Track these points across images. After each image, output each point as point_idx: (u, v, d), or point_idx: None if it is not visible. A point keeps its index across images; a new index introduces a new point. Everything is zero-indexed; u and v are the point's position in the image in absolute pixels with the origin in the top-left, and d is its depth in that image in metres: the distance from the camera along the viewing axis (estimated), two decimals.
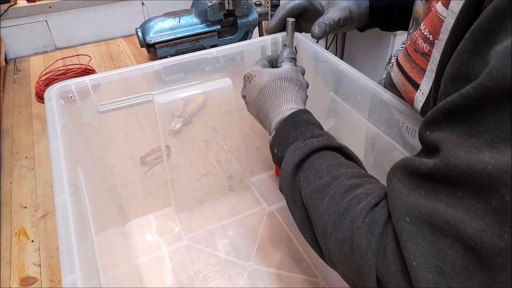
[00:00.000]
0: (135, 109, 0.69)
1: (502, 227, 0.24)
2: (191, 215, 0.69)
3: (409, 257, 0.28)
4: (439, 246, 0.27)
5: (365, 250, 0.32)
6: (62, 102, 0.52)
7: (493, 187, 0.24)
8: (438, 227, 0.27)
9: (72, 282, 0.32)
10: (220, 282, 0.58)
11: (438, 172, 0.28)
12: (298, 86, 0.49)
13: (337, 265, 0.36)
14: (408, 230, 0.29)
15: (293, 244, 0.63)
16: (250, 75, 0.52)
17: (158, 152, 0.72)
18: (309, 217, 0.39)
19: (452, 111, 0.28)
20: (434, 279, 0.27)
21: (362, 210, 0.34)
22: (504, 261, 0.24)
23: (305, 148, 0.41)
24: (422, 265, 0.27)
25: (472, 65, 0.28)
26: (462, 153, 0.26)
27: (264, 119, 0.49)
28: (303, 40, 0.63)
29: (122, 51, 1.25)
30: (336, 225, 0.35)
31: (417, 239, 0.28)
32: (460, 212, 0.26)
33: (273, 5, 1.77)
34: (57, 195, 0.39)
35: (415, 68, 0.45)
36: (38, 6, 1.21)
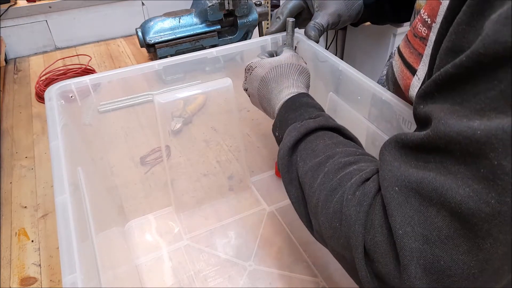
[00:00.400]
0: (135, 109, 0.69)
1: (489, 193, 0.24)
2: (191, 215, 0.69)
3: (395, 225, 0.28)
4: (426, 215, 0.27)
5: (353, 221, 0.32)
6: (62, 102, 0.52)
7: (482, 153, 0.24)
8: (425, 195, 0.27)
9: (72, 282, 0.32)
10: (220, 282, 0.58)
11: (428, 142, 0.28)
12: (299, 71, 0.50)
13: (327, 240, 0.37)
14: (396, 199, 0.29)
15: (293, 244, 0.63)
16: (250, 67, 0.52)
17: (158, 152, 0.72)
18: (304, 196, 0.40)
19: (445, 81, 0.28)
20: (419, 247, 0.27)
21: (352, 184, 0.34)
22: (489, 227, 0.24)
23: (302, 128, 0.41)
24: (408, 234, 0.27)
25: (466, 37, 0.28)
26: (453, 122, 0.26)
27: (268, 107, 0.49)
28: (303, 40, 0.63)
29: (122, 51, 1.25)
30: (328, 200, 0.35)
31: (405, 208, 0.28)
32: (448, 180, 0.26)
33: (273, 5, 1.77)
34: (57, 194, 0.39)
35: (414, 53, 0.45)
36: (38, 6, 1.21)
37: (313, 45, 0.61)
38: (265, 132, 0.81)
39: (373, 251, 0.30)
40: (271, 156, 0.79)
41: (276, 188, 0.74)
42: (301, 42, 0.63)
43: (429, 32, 0.41)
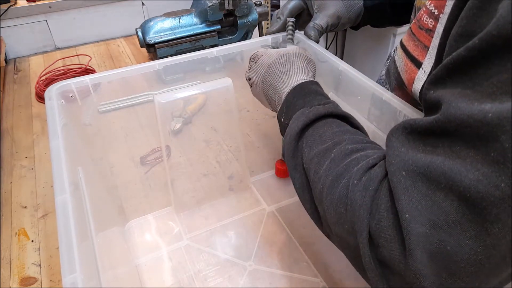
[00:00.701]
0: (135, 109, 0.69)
1: (499, 176, 0.24)
2: (191, 215, 0.69)
3: (402, 209, 0.28)
4: (433, 199, 0.27)
5: (359, 206, 0.32)
6: (62, 102, 0.52)
7: (493, 136, 0.24)
8: (433, 179, 0.27)
9: (72, 282, 0.32)
10: (220, 282, 0.58)
11: (438, 126, 0.28)
12: (307, 60, 0.49)
13: (332, 226, 0.36)
14: (403, 183, 0.28)
15: (293, 244, 0.63)
16: (256, 55, 0.52)
17: (158, 152, 0.72)
18: (309, 182, 0.39)
19: (456, 65, 0.28)
20: (426, 232, 0.26)
21: (359, 170, 0.34)
22: (498, 212, 0.24)
23: (310, 114, 0.41)
24: (415, 218, 0.27)
25: (478, 21, 0.28)
26: (464, 105, 0.26)
27: (273, 93, 0.49)
28: (303, 40, 0.63)
29: (122, 51, 1.25)
30: (333, 185, 0.35)
31: (412, 192, 0.28)
32: (457, 164, 0.26)
33: (273, 5, 1.77)
34: (57, 194, 0.39)
35: (419, 46, 0.45)
36: (38, 6, 1.21)
37: (313, 45, 0.61)
38: (265, 132, 0.81)
39: (378, 236, 0.30)
40: (271, 156, 0.79)
41: (276, 188, 0.74)
42: (301, 42, 0.63)
43: (436, 23, 0.41)
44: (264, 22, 1.15)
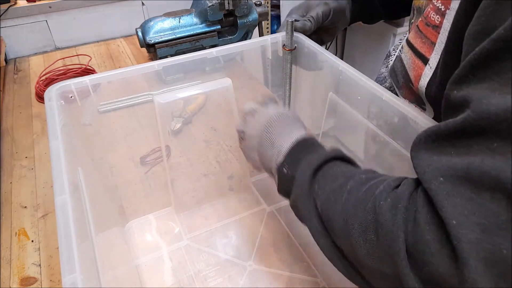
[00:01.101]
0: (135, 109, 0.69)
1: None
2: (191, 215, 0.69)
3: (447, 216, 0.26)
4: (479, 202, 0.25)
5: (391, 226, 0.29)
6: (62, 102, 0.52)
7: None
8: (476, 181, 0.25)
9: (72, 282, 0.32)
10: (220, 282, 0.58)
11: (470, 125, 0.26)
12: (301, 122, 0.50)
13: (363, 260, 0.33)
14: (444, 189, 0.27)
15: (293, 244, 0.63)
16: (254, 110, 0.51)
17: (158, 152, 0.72)
18: (325, 226, 0.37)
19: (481, 60, 0.27)
20: (477, 238, 0.25)
21: (382, 192, 0.32)
22: None
23: (319, 158, 0.40)
24: (463, 224, 0.25)
25: (498, 16, 0.27)
26: (496, 100, 0.25)
27: (270, 149, 0.47)
28: (303, 40, 0.63)
29: (122, 51, 1.25)
30: (357, 214, 0.33)
31: (454, 198, 0.26)
32: (498, 161, 0.24)
33: (273, 5, 1.77)
34: (57, 194, 0.39)
35: (426, 42, 0.45)
36: (38, 6, 1.21)
37: (313, 45, 0.61)
38: None
39: (422, 252, 0.27)
40: None
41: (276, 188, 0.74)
42: (301, 42, 0.63)
43: (443, 19, 0.41)
44: (264, 22, 1.15)
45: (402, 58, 0.52)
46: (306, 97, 0.71)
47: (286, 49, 0.62)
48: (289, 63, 0.63)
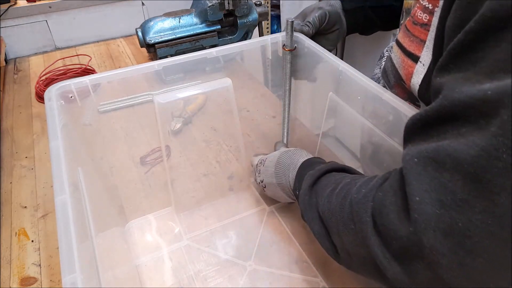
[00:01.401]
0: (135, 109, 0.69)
1: (499, 148, 0.25)
2: (191, 215, 0.69)
3: (412, 193, 0.29)
4: (441, 181, 0.28)
5: (360, 202, 0.34)
6: (62, 102, 0.52)
7: (493, 112, 0.25)
8: (440, 162, 0.28)
9: (72, 282, 0.32)
10: (220, 282, 0.58)
11: (445, 111, 0.29)
12: (302, 150, 0.56)
13: (350, 249, 0.37)
14: (415, 169, 0.29)
15: (293, 244, 0.63)
16: (262, 160, 0.61)
17: (158, 152, 0.72)
18: (327, 229, 0.42)
19: (457, 50, 0.29)
20: (436, 212, 0.27)
21: (359, 188, 0.36)
22: (503, 181, 0.25)
23: (316, 172, 0.47)
24: (425, 200, 0.28)
25: (471, 10, 0.29)
26: (466, 88, 0.27)
27: (285, 181, 0.55)
28: (303, 40, 0.63)
29: (122, 51, 1.25)
30: (341, 210, 0.37)
31: (422, 176, 0.29)
32: (460, 144, 0.27)
33: (273, 5, 1.77)
34: (57, 194, 0.39)
35: (414, 41, 0.47)
36: (38, 6, 1.21)
37: (313, 45, 0.61)
38: (265, 132, 0.81)
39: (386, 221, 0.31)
40: None
41: None
42: (301, 42, 0.63)
43: (431, 17, 0.43)
44: (264, 22, 1.15)
45: (392, 58, 0.54)
46: (306, 97, 0.71)
47: (286, 49, 0.62)
48: (289, 63, 0.63)
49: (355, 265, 0.38)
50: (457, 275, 0.27)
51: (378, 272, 0.33)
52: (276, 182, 0.57)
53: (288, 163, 0.54)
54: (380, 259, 0.32)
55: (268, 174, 0.58)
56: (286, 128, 0.68)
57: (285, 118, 0.68)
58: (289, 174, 0.54)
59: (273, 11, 1.80)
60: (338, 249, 0.41)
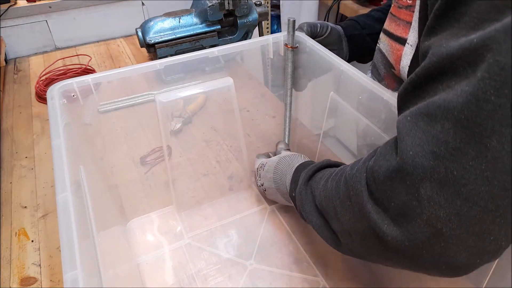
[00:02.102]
0: (135, 109, 0.69)
1: (487, 90, 0.25)
2: (192, 214, 0.69)
3: (406, 148, 0.29)
4: (433, 133, 0.28)
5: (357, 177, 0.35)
6: (64, 101, 0.52)
7: (480, 58, 0.26)
8: (431, 114, 0.28)
9: (73, 280, 0.32)
10: (221, 281, 0.58)
11: (434, 68, 0.29)
12: (299, 154, 0.58)
13: (349, 228, 0.38)
14: (407, 126, 0.30)
15: (294, 244, 0.63)
16: (262, 164, 0.63)
17: (158, 152, 0.72)
18: (325, 219, 0.43)
19: (442, 11, 0.30)
20: (430, 164, 0.28)
21: (351, 166, 0.38)
22: (493, 123, 0.25)
23: (310, 170, 0.48)
24: (418, 154, 0.28)
25: None
26: (453, 42, 0.28)
27: (283, 186, 0.56)
28: (305, 40, 0.63)
29: (122, 51, 1.25)
30: (337, 192, 0.39)
31: (414, 132, 0.29)
32: (451, 94, 0.27)
33: (273, 5, 1.77)
34: (58, 192, 0.39)
35: (401, 24, 0.49)
36: (38, 6, 1.21)
37: (314, 44, 0.61)
38: (265, 132, 0.81)
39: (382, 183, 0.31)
40: None
41: None
42: (302, 42, 0.64)
43: None
44: (264, 22, 1.15)
45: (380, 48, 0.56)
46: (307, 97, 0.71)
47: (288, 46, 0.62)
48: (291, 61, 0.63)
49: (356, 246, 0.38)
50: (456, 227, 0.27)
51: (379, 243, 0.33)
52: (275, 187, 0.58)
53: (285, 169, 0.56)
54: (379, 226, 0.32)
55: (267, 179, 0.60)
56: (287, 127, 0.68)
57: (286, 117, 0.68)
58: (285, 179, 0.55)
59: (273, 11, 1.80)
60: (338, 234, 0.41)
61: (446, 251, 0.28)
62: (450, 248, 0.28)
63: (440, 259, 0.29)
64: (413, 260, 0.31)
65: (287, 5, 1.68)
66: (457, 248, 0.28)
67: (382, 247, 0.33)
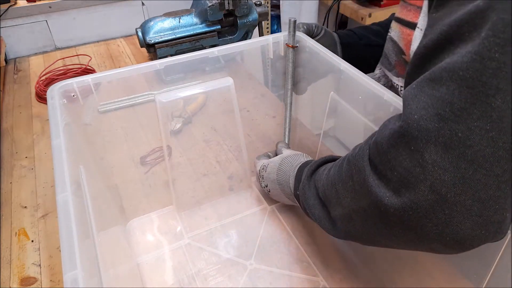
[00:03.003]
0: (135, 109, 0.69)
1: (492, 48, 0.25)
2: (192, 215, 0.69)
3: (410, 112, 0.29)
4: (437, 96, 0.28)
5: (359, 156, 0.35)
6: (64, 101, 0.52)
7: (485, 19, 0.26)
8: (436, 78, 0.28)
9: (73, 279, 0.32)
10: (221, 281, 0.58)
11: (442, 36, 0.30)
12: (301, 153, 0.58)
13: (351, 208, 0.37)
14: (412, 93, 0.30)
15: (294, 244, 0.63)
16: (264, 166, 0.62)
17: (158, 152, 0.72)
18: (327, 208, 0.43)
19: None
20: (436, 126, 0.28)
21: (355, 148, 0.38)
22: (497, 81, 0.25)
23: (313, 165, 0.48)
24: (423, 117, 0.28)
25: None
26: (461, 10, 0.28)
27: (287, 186, 0.56)
28: (305, 40, 0.63)
29: (122, 51, 1.25)
30: (339, 175, 0.39)
31: (419, 97, 0.29)
32: (454, 57, 0.28)
33: (273, 5, 1.77)
34: (58, 192, 0.39)
35: (411, 9, 0.50)
36: (38, 6, 1.21)
37: (314, 44, 0.61)
38: (265, 132, 0.81)
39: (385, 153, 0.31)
40: None
41: None
42: (302, 41, 0.64)
43: None
44: (264, 22, 1.15)
45: (391, 37, 0.57)
46: (307, 97, 0.71)
47: (288, 45, 0.63)
48: (291, 61, 0.64)
49: (357, 228, 0.38)
50: (461, 192, 0.27)
51: (381, 219, 0.33)
52: (279, 188, 0.58)
53: (288, 169, 0.56)
54: (381, 199, 0.31)
55: (271, 180, 0.60)
56: (287, 127, 0.68)
57: (286, 117, 0.68)
58: (289, 179, 0.55)
59: (273, 11, 1.80)
60: (339, 221, 0.41)
61: (450, 219, 0.28)
62: (454, 217, 0.28)
63: (444, 229, 0.29)
64: (416, 232, 0.30)
65: (287, 5, 1.68)
66: (461, 217, 0.28)
67: (384, 222, 0.33)
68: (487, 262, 0.40)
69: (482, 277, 0.40)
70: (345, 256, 0.61)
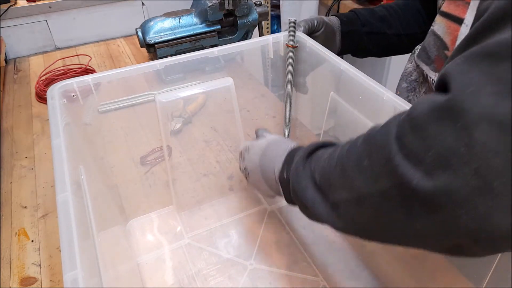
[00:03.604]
0: (135, 109, 0.69)
1: None
2: (192, 215, 0.69)
3: (461, 85, 0.25)
4: (495, 73, 0.25)
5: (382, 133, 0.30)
6: (64, 101, 0.52)
7: None
8: (492, 54, 0.25)
9: (73, 280, 0.32)
10: (221, 281, 0.58)
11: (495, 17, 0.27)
12: (291, 141, 0.53)
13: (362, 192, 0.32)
14: (459, 69, 0.26)
15: (294, 244, 0.63)
16: (247, 147, 0.55)
17: (158, 152, 0.72)
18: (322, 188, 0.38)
19: None
20: (491, 104, 0.24)
21: (372, 128, 0.33)
22: None
23: (311, 146, 0.43)
24: (476, 93, 0.25)
25: None
26: None
27: (271, 171, 0.50)
28: (305, 40, 0.63)
29: (122, 51, 1.25)
30: (350, 153, 0.34)
31: (469, 73, 0.26)
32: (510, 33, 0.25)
33: (273, 5, 1.77)
34: (58, 192, 0.39)
35: (460, 5, 0.50)
36: (38, 6, 1.21)
37: (314, 44, 0.61)
38: None
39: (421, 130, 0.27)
40: None
41: None
42: (302, 41, 0.64)
43: None
44: (264, 22, 1.15)
45: (434, 31, 0.57)
46: (307, 97, 0.71)
47: (288, 45, 0.62)
48: (291, 61, 0.63)
49: (366, 216, 0.33)
50: (510, 182, 0.23)
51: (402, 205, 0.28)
52: (260, 173, 0.52)
53: (275, 152, 0.50)
54: (408, 180, 0.27)
55: (253, 162, 0.53)
56: (287, 127, 0.68)
57: (286, 117, 0.68)
58: (275, 162, 0.49)
59: (273, 11, 1.80)
60: (341, 206, 0.36)
61: (491, 212, 0.24)
62: (496, 209, 0.24)
63: (481, 224, 0.25)
64: (445, 222, 0.26)
65: (287, 5, 1.68)
66: (505, 210, 0.24)
67: (406, 209, 0.28)
68: (487, 262, 0.40)
69: (482, 277, 0.40)
70: (345, 256, 0.61)
